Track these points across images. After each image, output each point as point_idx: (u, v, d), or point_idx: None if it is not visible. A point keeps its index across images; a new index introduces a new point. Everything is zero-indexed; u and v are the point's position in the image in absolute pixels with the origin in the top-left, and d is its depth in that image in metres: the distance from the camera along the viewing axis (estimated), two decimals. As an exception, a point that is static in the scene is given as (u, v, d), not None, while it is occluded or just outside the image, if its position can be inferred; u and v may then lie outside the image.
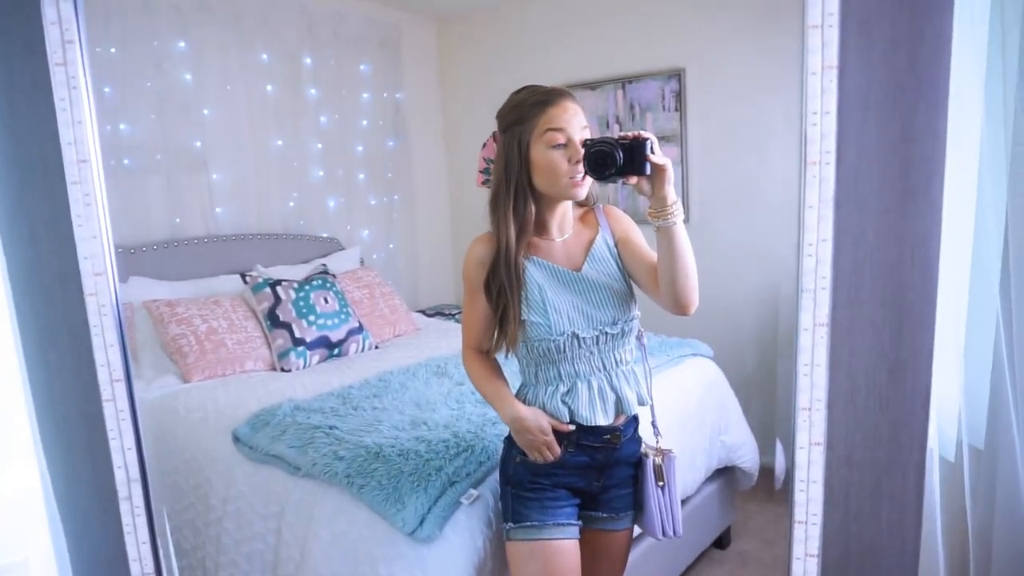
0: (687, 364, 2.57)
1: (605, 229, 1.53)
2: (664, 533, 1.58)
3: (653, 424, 1.66)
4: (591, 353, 1.46)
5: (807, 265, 0.74)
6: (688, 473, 2.35)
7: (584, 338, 1.44)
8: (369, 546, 1.58)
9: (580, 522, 1.53)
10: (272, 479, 1.85)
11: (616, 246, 1.53)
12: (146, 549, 0.72)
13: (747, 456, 2.65)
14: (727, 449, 2.58)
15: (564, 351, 1.44)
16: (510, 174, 1.42)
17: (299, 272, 3.15)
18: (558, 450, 1.48)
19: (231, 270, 3.11)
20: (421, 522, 1.52)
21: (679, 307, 1.40)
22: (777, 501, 3.15)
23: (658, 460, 1.57)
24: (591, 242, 1.52)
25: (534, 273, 1.46)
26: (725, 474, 2.67)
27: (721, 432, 2.56)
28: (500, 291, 1.45)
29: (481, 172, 1.54)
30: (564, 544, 1.47)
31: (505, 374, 1.59)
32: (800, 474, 0.75)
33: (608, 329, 1.46)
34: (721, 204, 3.37)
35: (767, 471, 2.75)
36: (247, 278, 2.90)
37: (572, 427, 1.48)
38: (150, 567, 0.72)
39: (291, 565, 1.73)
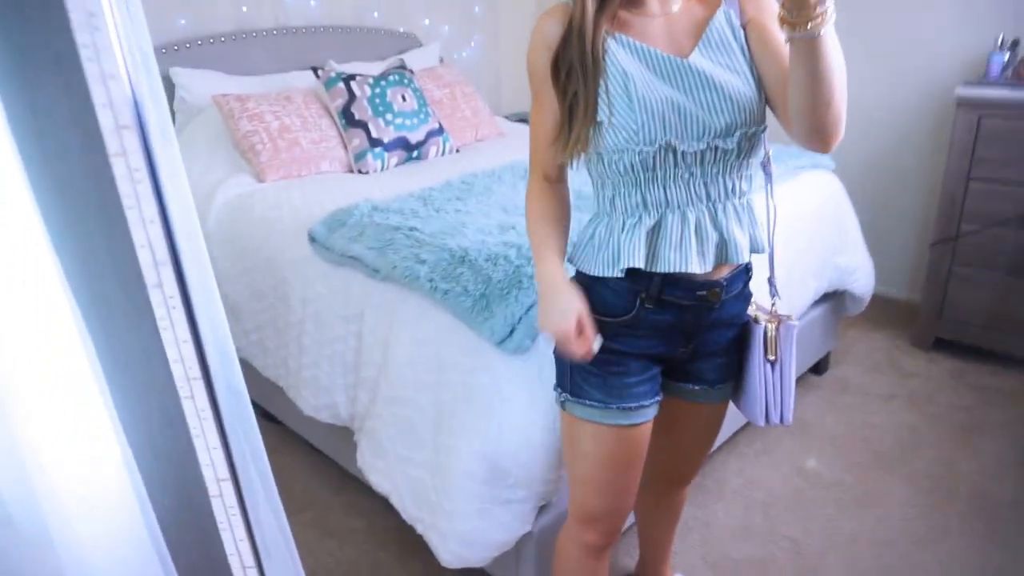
0: (805, 177, 2.27)
1: (731, 3, 1.09)
2: (769, 420, 1.25)
3: (770, 281, 1.28)
4: (691, 174, 1.06)
5: None
6: (798, 295, 2.14)
7: (684, 152, 1.03)
8: (453, 354, 1.47)
9: (659, 396, 1.22)
10: (350, 281, 1.74)
11: (744, 28, 1.07)
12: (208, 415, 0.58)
13: (861, 280, 2.40)
14: (840, 272, 2.34)
15: (653, 168, 1.05)
16: None
17: (375, 69, 2.89)
18: (589, 349, 1.09)
19: (302, 66, 2.89)
20: (511, 332, 1.38)
21: (816, 141, 1.00)
22: (882, 329, 2.94)
23: (771, 328, 1.21)
24: (707, 20, 1.08)
25: (619, 56, 1.04)
26: (833, 298, 2.45)
27: (836, 253, 2.30)
28: (570, 73, 1.05)
29: None
30: (630, 432, 1.18)
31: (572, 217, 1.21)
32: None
33: (720, 143, 1.04)
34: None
35: (877, 298, 2.52)
36: (319, 73, 2.67)
37: (598, 340, 1.10)
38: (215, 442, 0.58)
39: (372, 368, 1.67)
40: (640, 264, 1.07)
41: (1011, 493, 2.01)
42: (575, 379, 1.17)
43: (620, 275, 1.09)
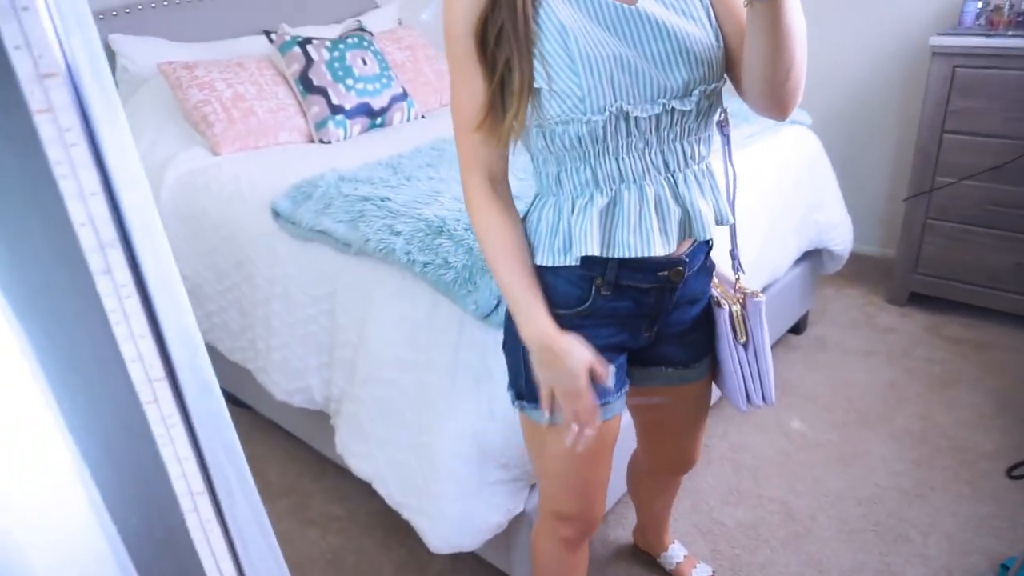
0: (784, 133, 2.21)
1: None
2: (751, 402, 1.17)
3: (733, 254, 1.17)
4: (646, 143, 0.92)
5: None
6: (779, 255, 2.10)
7: (638, 118, 0.90)
8: (435, 331, 1.38)
9: (625, 386, 1.12)
10: (320, 258, 1.64)
11: None
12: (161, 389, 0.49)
13: (840, 237, 2.37)
14: (819, 229, 2.30)
15: (604, 140, 0.91)
16: None
17: (331, 32, 2.74)
18: (592, 415, 0.99)
19: (253, 30, 2.73)
20: (497, 304, 1.30)
21: (773, 110, 0.92)
22: (857, 285, 2.93)
23: (736, 309, 1.12)
24: None
25: (555, 6, 0.88)
26: (811, 257, 2.42)
27: (815, 210, 2.27)
28: (500, 38, 0.87)
29: None
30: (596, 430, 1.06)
31: (517, 191, 1.05)
32: None
33: (677, 104, 0.91)
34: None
35: (850, 254, 2.50)
36: (272, 37, 2.52)
37: (611, 372, 0.99)
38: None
39: (348, 348, 1.58)
40: (595, 251, 0.94)
41: (989, 444, 2.02)
42: (531, 381, 1.03)
43: (575, 263, 0.97)
